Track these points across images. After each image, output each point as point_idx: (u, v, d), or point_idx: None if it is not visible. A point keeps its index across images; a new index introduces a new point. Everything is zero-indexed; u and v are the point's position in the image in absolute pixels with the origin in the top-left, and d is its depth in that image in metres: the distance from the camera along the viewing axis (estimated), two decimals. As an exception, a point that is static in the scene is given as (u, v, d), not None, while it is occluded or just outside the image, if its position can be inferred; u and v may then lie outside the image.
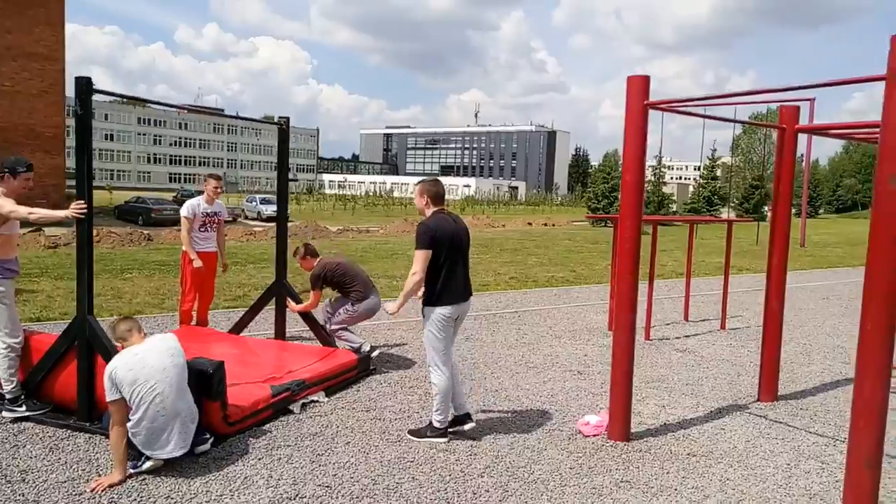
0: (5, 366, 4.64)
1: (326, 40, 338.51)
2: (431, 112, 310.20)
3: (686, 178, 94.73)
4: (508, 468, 4.14)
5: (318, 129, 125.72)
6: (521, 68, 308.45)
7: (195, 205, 6.73)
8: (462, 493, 3.78)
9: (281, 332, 6.65)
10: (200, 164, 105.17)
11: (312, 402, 5.19)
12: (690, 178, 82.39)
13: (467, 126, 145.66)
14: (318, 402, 5.22)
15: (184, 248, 6.71)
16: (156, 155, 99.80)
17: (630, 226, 4.62)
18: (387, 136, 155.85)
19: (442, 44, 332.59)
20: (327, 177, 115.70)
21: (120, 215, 31.11)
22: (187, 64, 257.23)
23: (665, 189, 43.54)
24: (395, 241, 21.62)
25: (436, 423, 4.57)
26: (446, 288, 4.42)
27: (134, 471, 3.83)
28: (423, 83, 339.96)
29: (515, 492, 3.82)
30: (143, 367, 3.82)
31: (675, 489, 3.92)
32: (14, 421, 4.58)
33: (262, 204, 37.62)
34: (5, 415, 4.62)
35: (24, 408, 4.63)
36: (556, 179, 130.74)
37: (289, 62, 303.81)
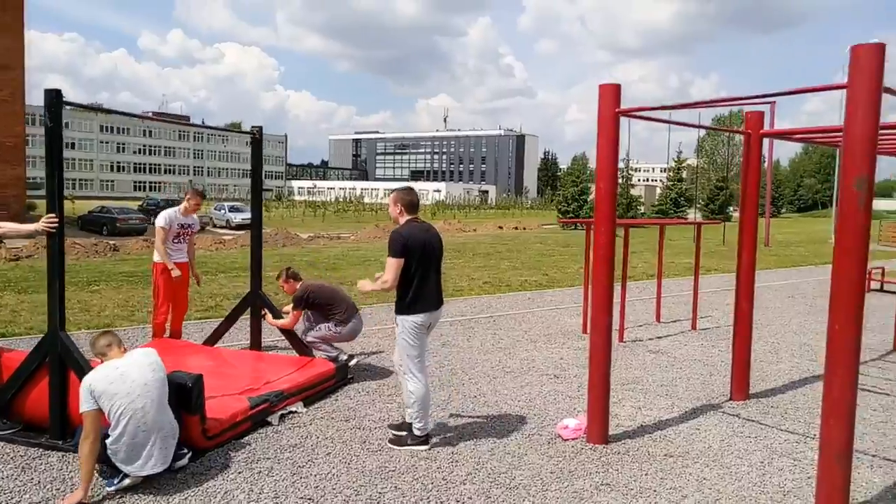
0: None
1: (294, 46, 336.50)
2: (401, 117, 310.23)
3: (653, 180, 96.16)
4: (490, 474, 4.17)
5: (286, 136, 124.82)
6: (489, 73, 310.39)
7: (172, 216, 6.64)
8: (445, 502, 3.79)
9: (257, 342, 6.60)
10: (166, 171, 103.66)
11: (291, 413, 5.16)
12: (657, 180, 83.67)
13: (436, 131, 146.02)
14: (296, 412, 5.19)
15: (157, 258, 6.61)
16: (119, 163, 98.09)
17: (604, 231, 4.70)
18: (356, 141, 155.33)
19: (410, 50, 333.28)
20: (296, 183, 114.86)
21: (84, 226, 30.36)
22: (151, 71, 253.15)
23: (633, 191, 44.18)
24: (366, 248, 21.56)
25: (416, 431, 4.58)
26: (419, 296, 4.46)
27: (111, 488, 3.76)
28: (392, 89, 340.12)
29: (498, 498, 3.85)
30: (123, 382, 3.75)
31: (655, 490, 3.99)
32: (-17, 441, 4.46)
33: (230, 212, 36.90)
34: (-26, 435, 4.50)
35: (-7, 427, 4.52)
36: (526, 183, 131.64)
37: (256, 69, 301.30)
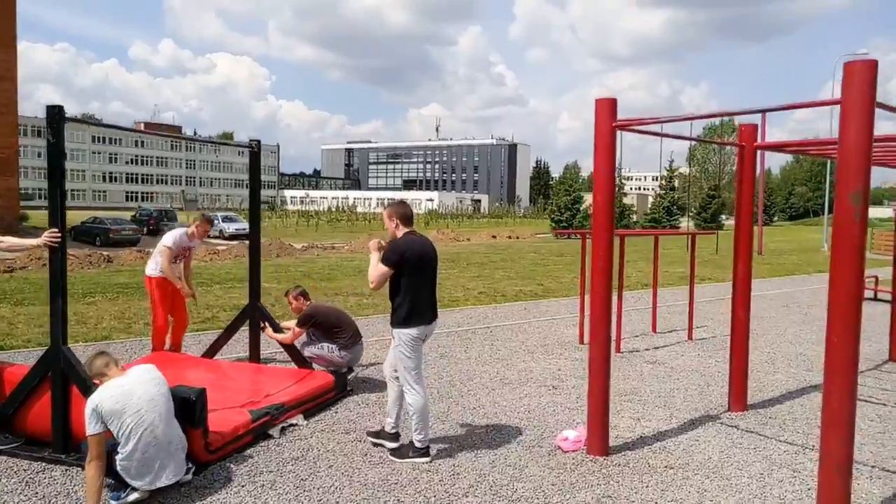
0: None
1: (285, 56, 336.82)
2: (393, 126, 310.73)
3: (645, 189, 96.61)
4: (492, 487, 4.19)
5: (278, 145, 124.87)
6: (480, 82, 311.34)
7: (178, 238, 6.66)
8: (448, 514, 3.81)
9: (256, 355, 6.60)
10: (158, 181, 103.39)
11: (291, 425, 5.17)
12: (649, 189, 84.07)
13: (429, 140, 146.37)
14: (297, 425, 5.20)
15: (149, 272, 6.67)
16: (111, 173, 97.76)
17: (603, 242, 4.74)
18: (348, 150, 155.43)
19: (401, 59, 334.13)
20: (289, 192, 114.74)
21: (76, 236, 30.17)
22: (143, 80, 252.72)
23: (625, 200, 44.39)
24: (361, 258, 21.54)
25: (417, 443, 4.60)
26: (414, 310, 4.50)
27: (117, 503, 3.76)
28: (384, 98, 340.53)
29: (501, 510, 3.86)
30: (129, 399, 3.76)
31: (656, 503, 4.01)
32: (-16, 456, 4.45)
33: (224, 222, 36.83)
34: (-26, 450, 4.49)
35: (-6, 442, 4.52)
36: (518, 192, 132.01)
37: (247, 78, 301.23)
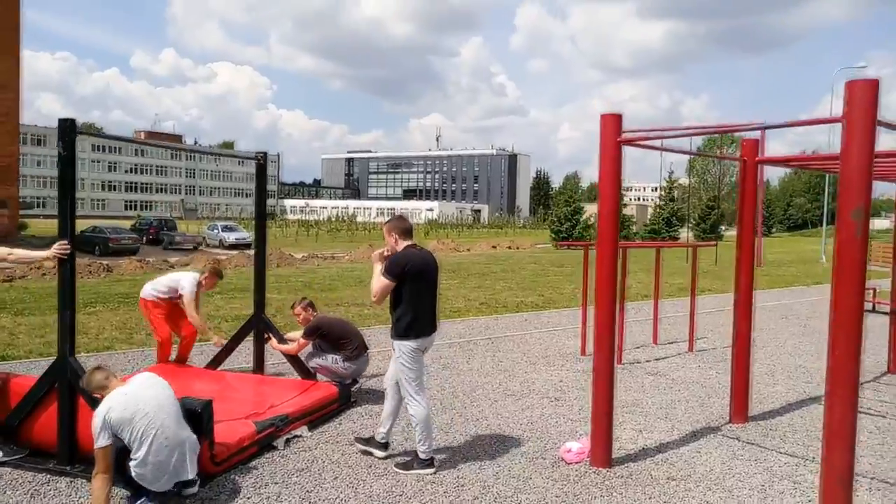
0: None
1: (286, 66, 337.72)
2: (393, 136, 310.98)
3: (645, 199, 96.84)
4: (496, 498, 4.21)
5: (278, 155, 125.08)
6: (482, 92, 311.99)
7: (195, 286, 6.61)
8: (453, 526, 3.83)
9: (260, 366, 6.62)
10: (158, 190, 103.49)
11: (296, 437, 5.19)
12: (649, 199, 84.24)
13: (429, 150, 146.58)
14: (301, 436, 5.22)
15: (145, 295, 6.70)
16: (111, 182, 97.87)
17: (607, 256, 4.79)
18: (349, 160, 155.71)
19: (403, 69, 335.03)
20: (289, 202, 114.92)
21: (76, 245, 30.17)
22: (143, 89, 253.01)
23: (625, 211, 44.47)
24: (362, 268, 21.57)
25: (421, 455, 4.62)
26: (415, 322, 4.53)
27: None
28: (385, 108, 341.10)
29: (505, 522, 3.88)
30: (137, 404, 3.79)
31: (659, 513, 4.04)
32: (-10, 467, 4.47)
33: (224, 231, 36.90)
34: (-20, 460, 4.51)
35: (0, 453, 4.53)
36: (519, 202, 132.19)
37: (248, 87, 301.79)
